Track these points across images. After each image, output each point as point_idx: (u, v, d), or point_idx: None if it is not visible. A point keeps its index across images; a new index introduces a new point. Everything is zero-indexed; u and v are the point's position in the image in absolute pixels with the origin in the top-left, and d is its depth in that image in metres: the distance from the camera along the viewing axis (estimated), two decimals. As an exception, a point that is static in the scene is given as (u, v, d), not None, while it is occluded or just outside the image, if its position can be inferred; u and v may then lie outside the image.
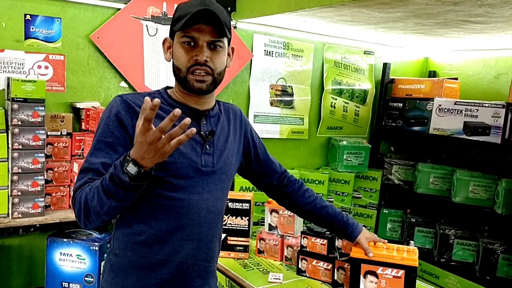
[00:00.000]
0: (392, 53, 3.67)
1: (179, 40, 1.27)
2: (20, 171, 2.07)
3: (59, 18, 2.31)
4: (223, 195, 1.41)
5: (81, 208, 1.18)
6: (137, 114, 1.21)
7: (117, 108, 1.24)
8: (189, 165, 1.28)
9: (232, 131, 1.44)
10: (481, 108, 2.86)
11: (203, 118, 1.34)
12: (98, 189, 1.14)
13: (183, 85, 1.29)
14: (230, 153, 1.41)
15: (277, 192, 1.68)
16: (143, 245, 1.28)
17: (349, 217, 1.70)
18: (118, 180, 1.09)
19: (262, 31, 3.00)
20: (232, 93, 2.98)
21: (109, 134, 1.23)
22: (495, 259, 2.94)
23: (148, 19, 2.52)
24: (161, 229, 1.27)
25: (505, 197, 2.83)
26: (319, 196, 1.72)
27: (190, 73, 1.26)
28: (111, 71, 2.49)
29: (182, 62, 1.26)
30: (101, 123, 1.26)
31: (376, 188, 3.50)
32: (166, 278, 1.29)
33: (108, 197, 1.12)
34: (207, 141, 1.32)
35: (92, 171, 1.21)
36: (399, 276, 1.56)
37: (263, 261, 2.14)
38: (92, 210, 1.16)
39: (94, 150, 1.24)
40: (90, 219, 1.19)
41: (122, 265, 1.30)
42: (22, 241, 2.35)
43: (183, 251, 1.30)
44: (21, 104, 2.04)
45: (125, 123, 1.23)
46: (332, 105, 3.43)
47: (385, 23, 2.59)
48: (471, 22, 2.36)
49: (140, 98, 1.26)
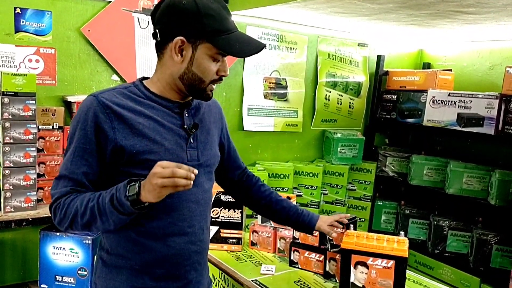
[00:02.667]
0: (386, 45, 3.66)
1: (209, 52, 1.22)
2: (11, 165, 2.07)
3: (50, 11, 2.30)
4: (209, 187, 1.40)
5: (65, 217, 1.19)
6: (116, 114, 1.20)
7: (93, 111, 1.19)
8: (175, 160, 1.22)
9: (212, 123, 1.43)
10: (474, 99, 2.86)
11: (186, 111, 1.31)
12: (91, 207, 1.15)
13: (198, 93, 1.28)
14: (212, 145, 1.40)
15: (236, 187, 1.67)
16: (134, 243, 1.26)
17: (303, 209, 1.69)
18: (118, 203, 1.12)
19: (255, 23, 2.99)
20: (226, 86, 2.98)
21: (87, 140, 1.19)
22: (489, 250, 2.95)
23: (140, 11, 2.51)
24: (151, 226, 1.26)
25: (498, 188, 2.84)
26: (275, 191, 1.70)
27: (210, 85, 1.27)
28: (103, 64, 2.48)
29: (208, 75, 1.24)
30: (77, 126, 1.21)
31: (371, 180, 3.51)
32: (161, 273, 1.28)
33: (101, 216, 1.15)
34: (191, 134, 1.30)
35: (73, 180, 1.20)
36: (389, 267, 1.56)
37: (256, 253, 2.14)
38: (80, 224, 1.18)
39: (73, 157, 1.20)
40: (73, 228, 1.21)
41: (114, 262, 1.29)
42: (15, 235, 2.35)
43: (176, 246, 1.29)
44: (12, 98, 2.04)
45: (104, 128, 1.19)
46: (326, 97, 3.43)
47: (377, 14, 2.58)
48: (463, 12, 2.35)
49: (116, 95, 1.23)
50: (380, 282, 1.58)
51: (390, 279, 1.57)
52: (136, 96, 1.26)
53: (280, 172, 3.10)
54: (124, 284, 1.27)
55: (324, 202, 3.38)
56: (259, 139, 3.19)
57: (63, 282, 2.16)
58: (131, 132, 1.21)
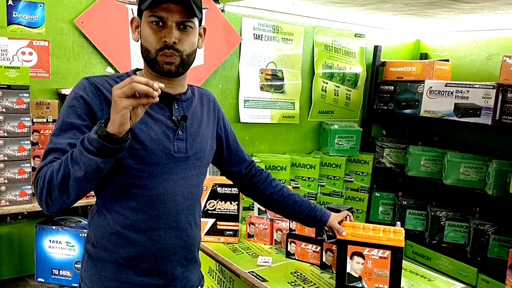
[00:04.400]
0: (383, 35, 3.64)
1: (146, 19, 1.21)
2: (6, 158, 2.05)
3: (42, 3, 2.27)
4: (199, 182, 1.37)
5: (44, 184, 1.10)
6: (106, 98, 1.19)
7: (84, 90, 1.19)
8: (161, 151, 1.23)
9: (205, 116, 1.40)
10: (471, 89, 2.85)
11: (175, 103, 1.30)
12: (65, 159, 1.08)
13: (152, 67, 1.24)
14: (204, 138, 1.37)
15: (245, 181, 1.64)
16: (119, 236, 1.24)
17: (316, 204, 1.68)
18: (87, 141, 1.03)
19: (251, 15, 2.97)
20: (222, 78, 2.96)
21: (76, 116, 1.17)
22: (486, 240, 2.96)
23: (133, 3, 2.48)
24: (136, 219, 1.24)
25: (496, 179, 2.84)
26: (285, 185, 1.69)
27: (159, 55, 1.21)
28: (97, 57, 2.46)
29: (150, 43, 1.21)
30: (66, 104, 1.20)
31: (368, 172, 3.51)
32: (146, 268, 1.26)
33: (73, 164, 1.05)
34: (179, 126, 1.28)
35: (58, 151, 1.15)
36: (385, 257, 1.56)
37: (253, 245, 2.13)
38: (55, 184, 1.08)
39: (60, 132, 1.17)
40: (53, 197, 1.11)
41: (99, 256, 1.27)
42: (11, 229, 2.35)
43: (161, 240, 1.26)
44: (5, 91, 2.02)
45: (93, 107, 1.18)
46: (323, 89, 3.41)
47: (373, 4, 2.56)
48: (460, 1, 2.34)
49: (108, 81, 1.23)
50: (376, 272, 1.58)
51: (386, 269, 1.57)
52: None
53: (277, 164, 3.09)
54: (108, 278, 1.26)
55: (322, 194, 3.38)
56: (256, 131, 3.17)
57: (59, 275, 2.16)
58: None
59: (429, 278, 1.82)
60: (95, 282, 1.27)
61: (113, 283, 1.25)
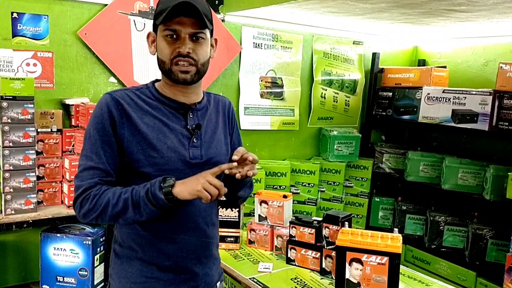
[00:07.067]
0: (381, 42, 3.69)
1: (161, 33, 1.31)
2: (11, 168, 2.09)
3: (46, 15, 2.32)
4: None
5: (95, 209, 1.26)
6: (125, 111, 1.30)
7: (107, 106, 1.30)
8: (177, 158, 1.33)
9: (221, 122, 1.48)
10: (468, 95, 2.89)
11: (190, 112, 1.38)
12: (125, 198, 1.25)
13: (168, 76, 1.33)
14: (219, 143, 1.45)
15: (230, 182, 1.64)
16: (143, 237, 1.36)
17: None
18: (152, 196, 1.22)
19: (250, 24, 3.01)
20: (222, 86, 3.00)
21: (105, 132, 1.29)
22: (484, 244, 2.98)
23: (136, 14, 2.53)
24: (159, 223, 1.35)
25: (493, 184, 2.87)
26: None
27: (174, 65, 1.30)
28: (100, 67, 2.50)
29: (165, 54, 1.31)
30: (94, 121, 1.31)
31: (367, 177, 3.54)
32: (168, 265, 1.37)
33: (134, 208, 1.24)
34: (194, 134, 1.37)
35: (99, 170, 1.29)
36: (383, 263, 1.60)
37: (254, 251, 2.17)
38: (109, 214, 1.26)
39: (95, 149, 1.29)
40: (99, 220, 1.29)
41: (126, 254, 1.39)
42: (16, 237, 2.38)
43: (181, 241, 1.37)
44: (10, 102, 2.06)
45: (116, 120, 1.30)
46: (322, 95, 3.46)
47: (371, 13, 2.61)
48: (455, 10, 2.38)
49: (128, 94, 1.34)
50: (374, 278, 1.62)
51: (384, 275, 1.60)
52: (146, 97, 1.36)
53: (277, 170, 3.13)
54: (135, 274, 1.37)
55: (322, 200, 3.41)
56: (256, 138, 3.21)
57: (64, 282, 2.19)
58: (136, 129, 1.30)
59: (426, 283, 1.86)
60: (122, 278, 1.38)
61: (139, 279, 1.36)
